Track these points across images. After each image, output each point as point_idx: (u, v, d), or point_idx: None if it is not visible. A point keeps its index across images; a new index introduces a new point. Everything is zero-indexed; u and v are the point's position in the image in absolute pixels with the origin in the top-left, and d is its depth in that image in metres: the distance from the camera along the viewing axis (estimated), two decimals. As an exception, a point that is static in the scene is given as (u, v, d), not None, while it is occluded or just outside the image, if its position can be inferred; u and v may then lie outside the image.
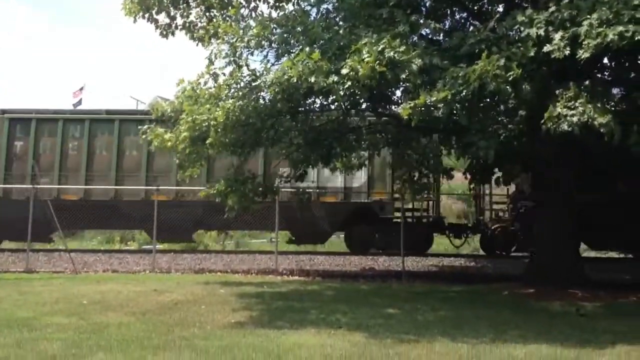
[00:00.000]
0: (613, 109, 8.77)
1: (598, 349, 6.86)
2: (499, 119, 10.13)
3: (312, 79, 8.47)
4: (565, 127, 8.11)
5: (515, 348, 6.84)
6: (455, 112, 8.71)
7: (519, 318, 8.76)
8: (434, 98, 8.30)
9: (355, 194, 17.50)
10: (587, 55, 7.96)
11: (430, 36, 10.72)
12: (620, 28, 7.65)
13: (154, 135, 11.14)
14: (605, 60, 10.86)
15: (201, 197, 12.26)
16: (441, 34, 11.11)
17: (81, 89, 21.95)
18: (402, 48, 8.38)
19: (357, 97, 9.71)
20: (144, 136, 11.51)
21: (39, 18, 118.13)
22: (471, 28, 11.32)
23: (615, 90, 10.56)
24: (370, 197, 17.44)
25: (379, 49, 8.35)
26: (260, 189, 11.65)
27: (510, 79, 8.27)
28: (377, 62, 8.22)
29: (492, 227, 18.18)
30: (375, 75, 8.22)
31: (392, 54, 8.27)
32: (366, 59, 8.23)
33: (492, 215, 19.20)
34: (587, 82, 8.64)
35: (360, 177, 17.14)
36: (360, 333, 7.56)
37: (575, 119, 8.02)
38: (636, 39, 7.58)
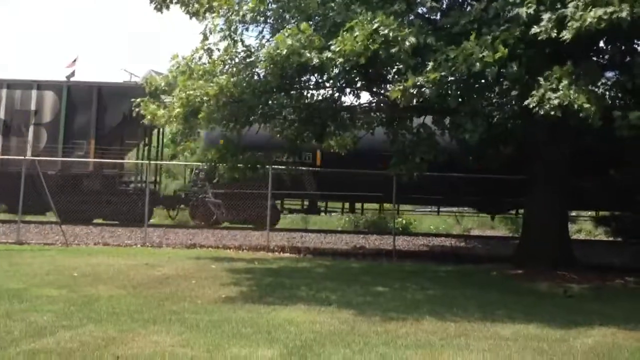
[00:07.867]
0: (607, 93, 8.73)
1: (585, 330, 6.94)
2: (493, 100, 10.10)
3: (306, 54, 8.40)
4: (547, 109, 8.09)
5: (502, 327, 6.92)
6: (445, 93, 8.68)
7: (507, 298, 8.84)
8: (424, 79, 8.27)
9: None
10: (569, 36, 7.91)
11: (427, 15, 10.64)
12: (600, 11, 7.58)
13: (146, 111, 11.02)
14: (602, 44, 10.81)
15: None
16: (438, 14, 11.03)
17: (74, 60, 21.51)
18: (396, 25, 8.32)
19: (352, 75, 9.64)
20: (136, 109, 11.37)
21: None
22: (469, 8, 11.24)
23: (610, 74, 10.53)
24: None
25: (374, 27, 8.28)
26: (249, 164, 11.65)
27: (496, 58, 8.22)
28: (370, 39, 8.16)
29: None
30: (367, 53, 8.16)
31: (386, 31, 8.20)
32: (357, 37, 8.16)
33: None
34: (569, 64, 8.49)
35: None
36: (349, 310, 7.61)
37: (556, 101, 8.00)
38: (614, 17, 7.50)
